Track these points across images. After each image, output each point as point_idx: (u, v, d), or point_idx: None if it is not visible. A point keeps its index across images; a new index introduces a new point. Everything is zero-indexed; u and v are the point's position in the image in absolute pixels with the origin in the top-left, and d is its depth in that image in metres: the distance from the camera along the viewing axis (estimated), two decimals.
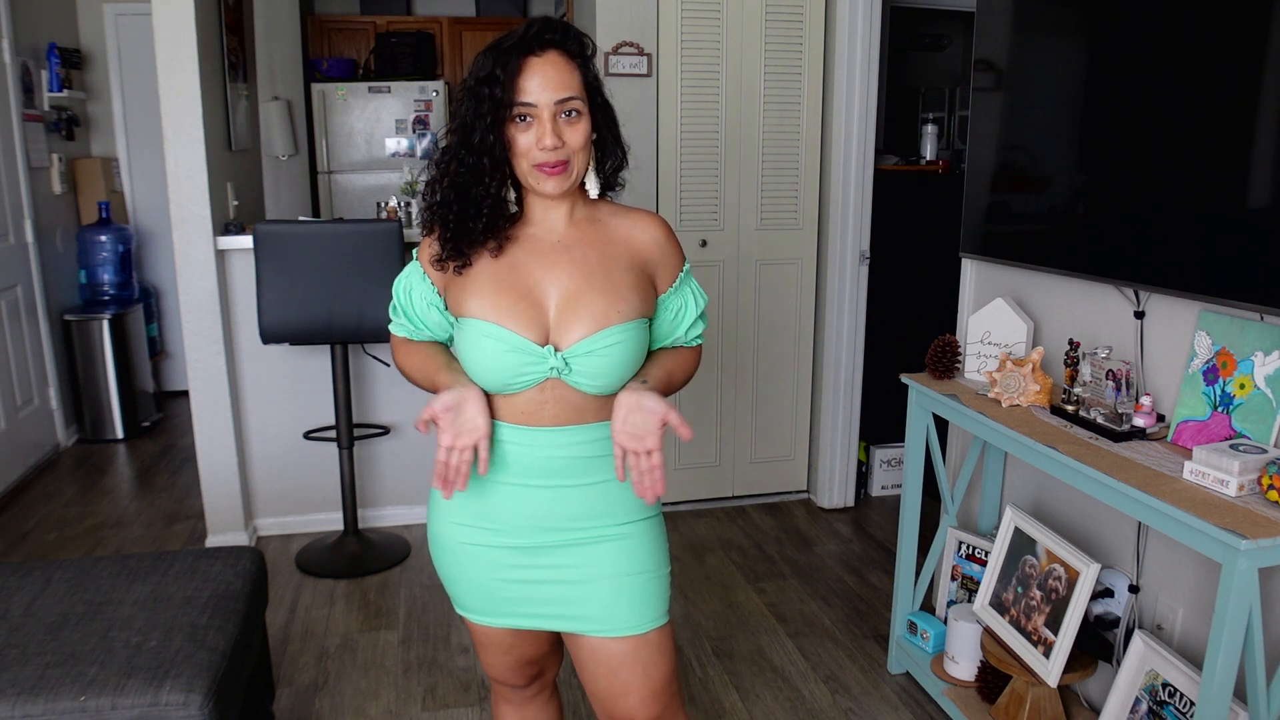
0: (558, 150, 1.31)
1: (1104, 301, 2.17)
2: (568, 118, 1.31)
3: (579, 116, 1.32)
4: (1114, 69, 2.03)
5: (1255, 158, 1.69)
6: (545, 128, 1.29)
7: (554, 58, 1.30)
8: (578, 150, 1.33)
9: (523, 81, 1.29)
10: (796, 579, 3.13)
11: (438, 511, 1.48)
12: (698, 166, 3.46)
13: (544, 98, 1.29)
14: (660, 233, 1.46)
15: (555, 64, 1.30)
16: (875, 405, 3.76)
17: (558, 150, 1.31)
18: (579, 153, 1.34)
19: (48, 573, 2.00)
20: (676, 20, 3.34)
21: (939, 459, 2.46)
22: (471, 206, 1.35)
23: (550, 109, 1.30)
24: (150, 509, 3.72)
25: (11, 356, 4.00)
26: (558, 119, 1.31)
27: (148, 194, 5.14)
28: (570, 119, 1.32)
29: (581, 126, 1.33)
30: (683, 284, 1.49)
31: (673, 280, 1.47)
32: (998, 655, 2.17)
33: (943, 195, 3.68)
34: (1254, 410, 1.71)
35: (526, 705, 1.68)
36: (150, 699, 1.59)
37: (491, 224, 1.36)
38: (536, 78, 1.29)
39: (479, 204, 1.35)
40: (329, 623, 2.83)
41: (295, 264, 2.90)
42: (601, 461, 1.42)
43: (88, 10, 4.92)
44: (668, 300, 1.47)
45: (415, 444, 3.50)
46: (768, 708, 2.41)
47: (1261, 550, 1.45)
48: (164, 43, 3.01)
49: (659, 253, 1.45)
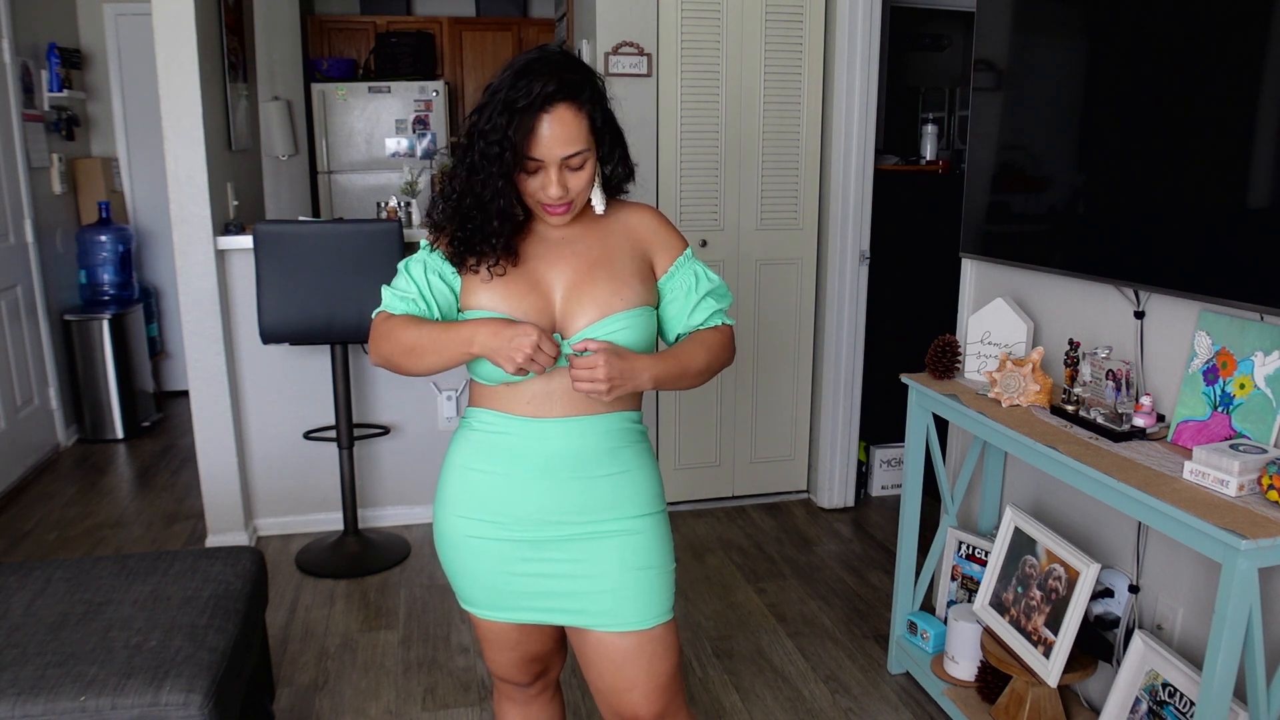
0: (562, 198, 1.36)
1: (1104, 301, 2.17)
2: (574, 170, 1.36)
3: (585, 163, 1.36)
4: (1114, 69, 2.03)
5: (1255, 157, 1.69)
6: (551, 179, 1.34)
7: (563, 113, 1.32)
8: (580, 192, 1.38)
9: (533, 139, 1.31)
10: (796, 579, 3.13)
11: (443, 506, 1.49)
12: (698, 166, 3.46)
13: (552, 155, 1.33)
14: (652, 218, 1.51)
15: (564, 120, 1.32)
16: (875, 405, 3.76)
17: (562, 198, 1.36)
18: (582, 193, 1.39)
19: (48, 573, 2.00)
20: (676, 20, 3.34)
21: (939, 459, 2.46)
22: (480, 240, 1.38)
23: (557, 164, 1.34)
24: (150, 509, 3.72)
25: (11, 356, 4.00)
26: (563, 170, 1.35)
27: (148, 194, 5.14)
28: (576, 170, 1.36)
29: (586, 172, 1.37)
30: (684, 266, 1.49)
31: (671, 262, 1.49)
32: (998, 655, 2.17)
33: (943, 195, 3.68)
34: (1254, 410, 1.71)
35: (530, 703, 1.69)
36: (150, 699, 1.59)
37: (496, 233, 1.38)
38: (545, 136, 1.31)
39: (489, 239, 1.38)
40: (329, 623, 2.83)
41: (295, 264, 2.90)
42: (608, 454, 1.43)
43: (88, 10, 4.92)
44: (670, 282, 1.49)
45: (415, 444, 3.50)
46: (768, 708, 2.41)
47: (1261, 550, 1.45)
48: (164, 43, 3.01)
49: (653, 236, 1.49)
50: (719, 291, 1.51)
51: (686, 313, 1.49)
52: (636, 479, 1.46)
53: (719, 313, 1.51)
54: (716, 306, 1.50)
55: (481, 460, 1.44)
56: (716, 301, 1.50)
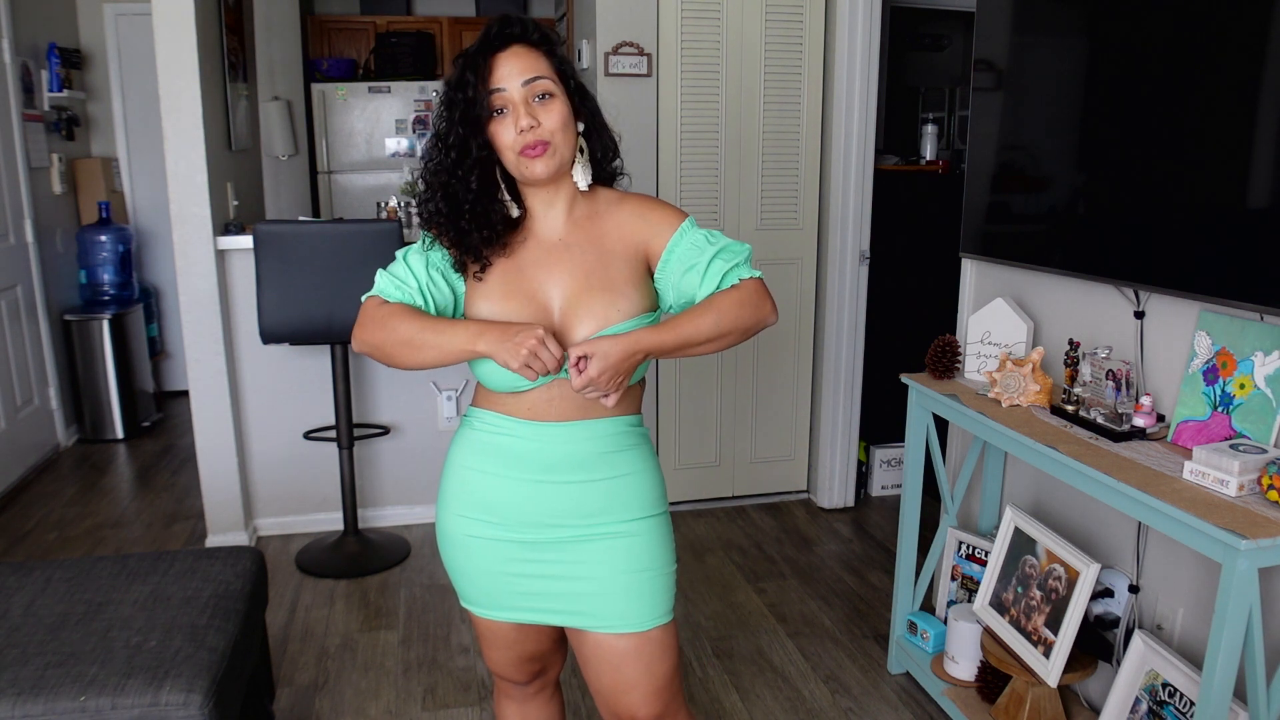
0: (535, 130, 1.34)
1: (1104, 301, 2.17)
2: (540, 101, 1.35)
3: (551, 99, 1.36)
4: (1114, 69, 2.03)
5: (1255, 157, 1.69)
6: (519, 110, 1.34)
7: (516, 49, 1.35)
8: (556, 130, 1.35)
9: (490, 75, 1.34)
10: (796, 579, 3.13)
11: (445, 505, 1.49)
12: (698, 166, 3.46)
13: (512, 83, 1.34)
14: (638, 203, 1.47)
15: (518, 54, 1.35)
16: (875, 405, 3.76)
17: (535, 130, 1.34)
18: (558, 132, 1.36)
19: (48, 573, 2.00)
20: (676, 20, 3.34)
21: (939, 459, 2.46)
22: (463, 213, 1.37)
23: (520, 92, 1.34)
24: (150, 509, 3.72)
25: (11, 356, 4.00)
26: (530, 102, 1.34)
27: (148, 194, 5.14)
28: (543, 101, 1.35)
29: (556, 107, 1.36)
30: (683, 238, 1.43)
31: (667, 240, 1.43)
32: (998, 655, 2.17)
33: (943, 195, 3.68)
34: (1254, 410, 1.71)
35: (529, 702, 1.69)
36: (150, 699, 1.59)
37: (482, 224, 1.38)
38: (502, 69, 1.34)
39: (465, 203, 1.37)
40: (329, 623, 2.83)
41: (295, 264, 2.90)
42: (609, 457, 1.43)
43: (88, 10, 4.92)
44: (671, 260, 1.43)
45: (415, 444, 3.50)
46: (768, 708, 2.41)
47: (1261, 550, 1.45)
48: (164, 43, 3.01)
49: (643, 225, 1.45)
50: (728, 251, 1.41)
51: (698, 283, 1.40)
52: (637, 482, 1.46)
53: (734, 270, 1.41)
54: (728, 265, 1.40)
55: (482, 460, 1.44)
56: (727, 260, 1.40)
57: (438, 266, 1.42)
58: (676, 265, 1.43)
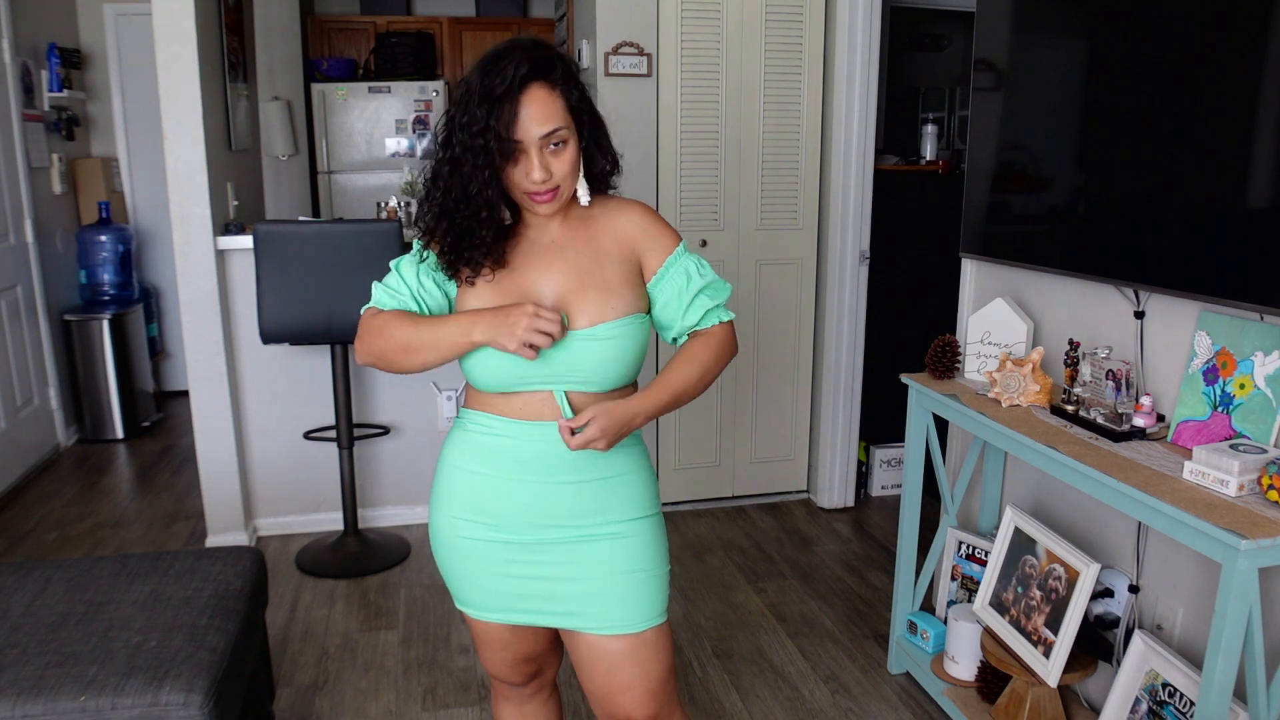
0: (546, 181, 1.34)
1: (1104, 301, 2.17)
2: (554, 149, 1.34)
3: (564, 146, 1.35)
4: (1114, 68, 2.03)
5: (1255, 157, 1.69)
6: (533, 162, 1.33)
7: (537, 92, 1.32)
8: (566, 175, 1.36)
9: (512, 124, 1.31)
10: (796, 579, 3.13)
11: (437, 505, 1.49)
12: (698, 166, 3.46)
13: (530, 134, 1.32)
14: (641, 216, 1.47)
15: (539, 99, 1.32)
16: (875, 405, 3.76)
17: (546, 181, 1.34)
18: (568, 177, 1.37)
19: (48, 573, 2.00)
20: (676, 20, 3.34)
21: (939, 459, 2.46)
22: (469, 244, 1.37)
23: (536, 144, 1.32)
24: (150, 509, 3.72)
25: (11, 356, 4.00)
26: (544, 151, 1.33)
27: (148, 194, 5.14)
28: (556, 150, 1.34)
29: (567, 154, 1.35)
30: (675, 264, 1.45)
31: (662, 261, 1.45)
32: (998, 655, 2.17)
33: (943, 195, 3.68)
34: (1254, 410, 1.71)
35: (526, 703, 1.69)
36: (150, 699, 1.59)
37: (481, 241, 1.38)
38: (522, 116, 1.31)
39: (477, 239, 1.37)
40: (329, 623, 2.83)
41: (295, 264, 2.90)
42: (601, 459, 1.43)
43: (88, 10, 4.92)
44: (660, 284, 1.45)
45: (415, 444, 3.50)
46: (768, 708, 2.41)
47: (1261, 550, 1.45)
48: (164, 42, 3.01)
49: (643, 237, 1.45)
50: (713, 288, 1.46)
51: (680, 314, 1.45)
52: (629, 483, 1.46)
53: (714, 311, 1.47)
54: (710, 305, 1.46)
55: (474, 461, 1.44)
56: (710, 299, 1.46)
57: (429, 272, 1.43)
58: (667, 287, 1.45)
